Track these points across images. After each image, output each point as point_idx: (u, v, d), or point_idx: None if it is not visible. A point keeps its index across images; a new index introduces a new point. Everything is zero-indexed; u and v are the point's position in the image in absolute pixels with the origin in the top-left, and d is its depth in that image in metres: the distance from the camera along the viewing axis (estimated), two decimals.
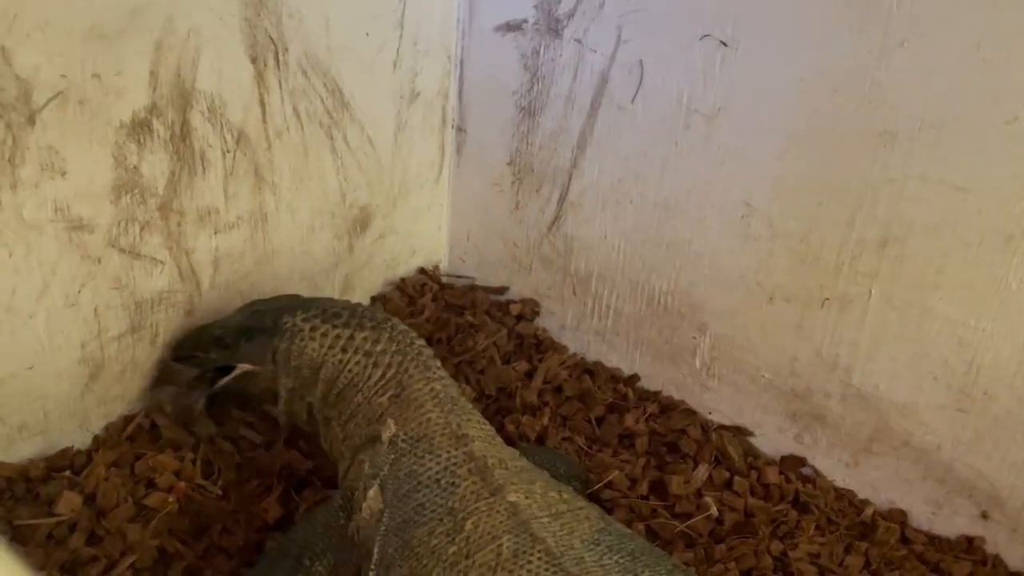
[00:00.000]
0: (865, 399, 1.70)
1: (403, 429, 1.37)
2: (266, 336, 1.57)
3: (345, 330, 1.52)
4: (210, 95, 1.63)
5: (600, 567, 1.15)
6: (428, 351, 1.53)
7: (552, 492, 1.28)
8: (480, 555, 1.15)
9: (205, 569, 1.47)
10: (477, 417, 1.43)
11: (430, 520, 1.21)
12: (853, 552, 1.62)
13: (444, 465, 1.29)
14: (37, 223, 1.48)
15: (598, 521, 1.26)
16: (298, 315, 1.55)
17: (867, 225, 1.59)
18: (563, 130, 1.97)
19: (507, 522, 1.19)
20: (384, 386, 1.45)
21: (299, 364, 1.53)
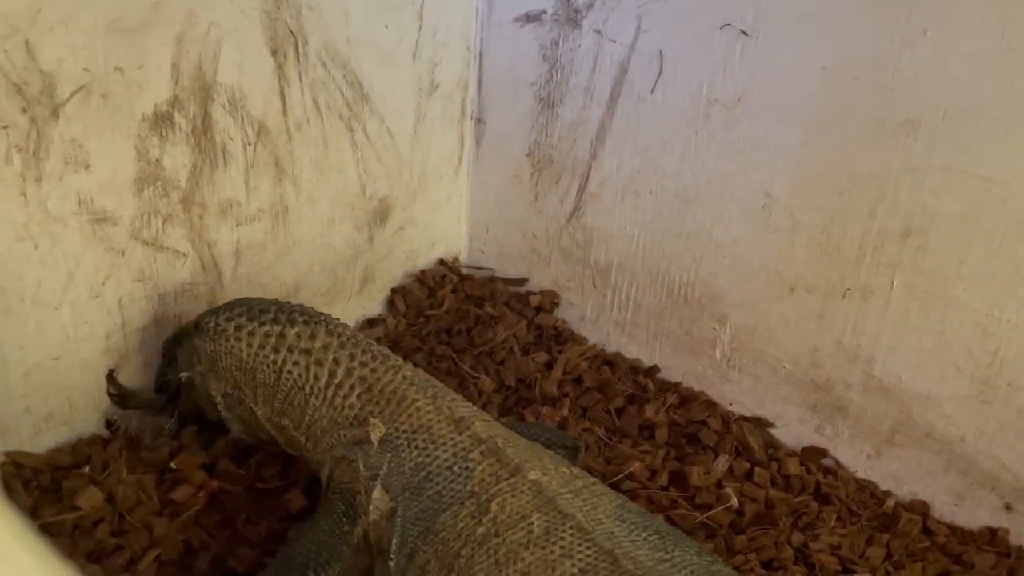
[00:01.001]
0: (887, 390, 1.69)
1: (394, 425, 1.32)
2: (190, 339, 1.51)
3: (274, 327, 1.44)
4: (231, 88, 1.64)
5: (631, 542, 1.14)
6: (371, 340, 1.47)
7: (563, 468, 1.28)
8: (510, 533, 1.14)
9: (228, 559, 1.48)
10: (458, 396, 1.40)
11: (452, 504, 1.21)
12: (875, 543, 1.61)
13: (452, 452, 1.26)
14: (61, 216, 1.49)
15: (616, 497, 1.25)
16: (220, 313, 1.48)
17: (889, 215, 1.57)
18: (582, 121, 1.97)
19: (534, 500, 1.18)
20: (342, 385, 1.38)
21: (228, 366, 1.46)
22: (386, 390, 1.36)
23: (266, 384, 1.44)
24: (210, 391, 1.51)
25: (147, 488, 1.56)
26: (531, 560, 1.11)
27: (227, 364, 1.46)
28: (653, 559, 1.12)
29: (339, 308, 2.06)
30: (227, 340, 1.46)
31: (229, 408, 1.51)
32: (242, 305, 1.49)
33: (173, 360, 1.57)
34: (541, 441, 1.47)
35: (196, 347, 1.50)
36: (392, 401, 1.35)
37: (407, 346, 2.03)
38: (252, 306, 1.48)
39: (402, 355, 1.97)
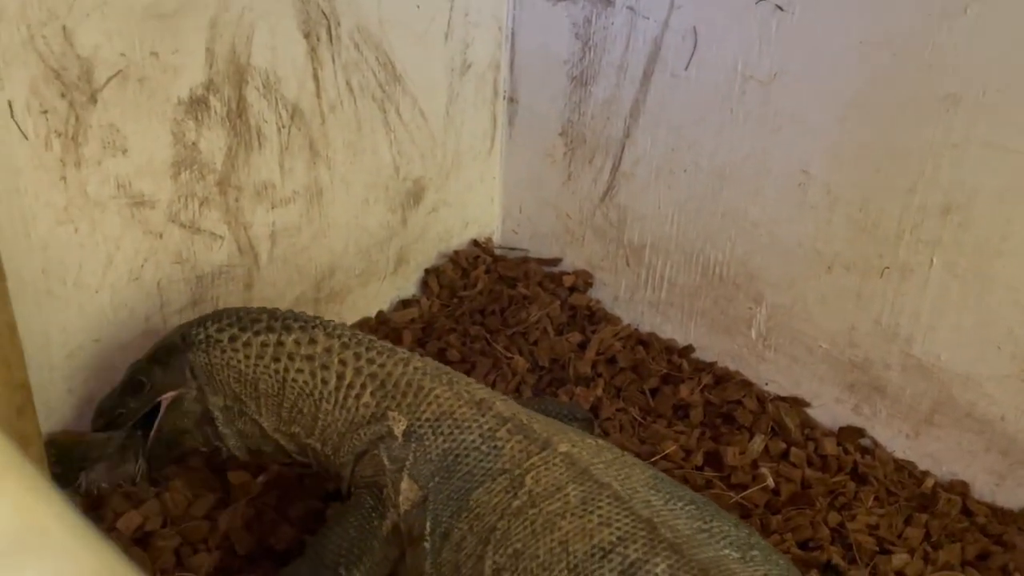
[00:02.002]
0: (926, 369, 1.67)
1: (415, 416, 1.31)
2: (178, 354, 1.44)
3: (270, 335, 1.40)
4: (265, 71, 1.65)
5: (669, 511, 1.14)
6: (372, 336, 1.44)
7: (589, 439, 1.28)
8: (546, 504, 1.15)
9: (270, 538, 1.51)
10: (472, 380, 1.40)
11: (484, 481, 1.21)
12: (913, 524, 1.60)
13: (479, 433, 1.26)
14: (100, 200, 1.51)
15: (647, 467, 1.25)
16: (210, 325, 1.43)
17: (928, 192, 1.55)
18: (615, 99, 1.96)
19: (568, 472, 1.18)
20: (353, 385, 1.36)
21: (225, 378, 1.43)
22: (400, 383, 1.35)
23: (270, 394, 1.40)
24: (208, 406, 1.46)
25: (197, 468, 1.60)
26: (568, 529, 1.11)
27: (225, 376, 1.42)
28: (691, 528, 1.12)
29: (373, 289, 2.08)
30: (223, 352, 1.41)
31: (228, 423, 1.46)
32: (230, 316, 1.45)
33: (142, 385, 1.46)
34: (555, 415, 1.47)
35: (189, 361, 1.43)
36: (408, 393, 1.34)
37: (441, 327, 2.04)
38: (241, 316, 1.44)
39: (436, 336, 2.00)
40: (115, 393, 1.51)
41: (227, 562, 1.47)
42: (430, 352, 1.96)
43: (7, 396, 1.28)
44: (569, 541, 1.10)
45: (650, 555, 1.06)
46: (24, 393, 1.31)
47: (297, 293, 1.90)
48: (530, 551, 1.12)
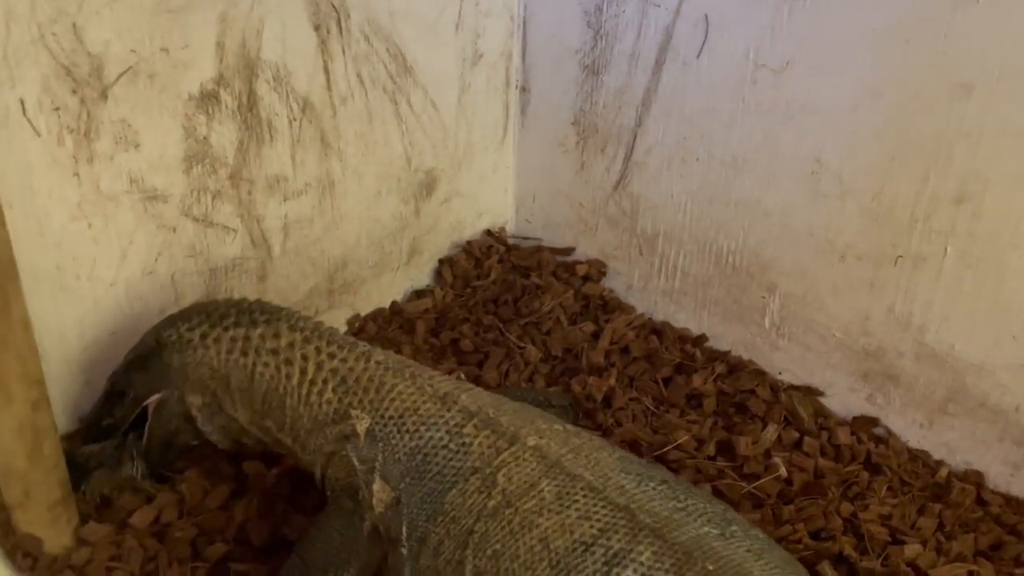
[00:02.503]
0: (940, 359, 1.66)
1: (377, 414, 1.30)
2: (154, 358, 1.45)
3: (238, 330, 1.41)
4: (275, 64, 1.65)
5: (643, 494, 1.14)
6: (335, 328, 1.44)
7: (557, 426, 1.27)
8: (522, 502, 1.15)
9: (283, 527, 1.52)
10: (436, 372, 1.38)
11: (456, 482, 1.20)
12: (926, 514, 1.59)
13: (445, 430, 1.25)
14: (114, 195, 1.53)
15: (613, 449, 1.25)
16: (180, 325, 1.45)
17: (942, 180, 1.53)
18: (627, 88, 1.95)
19: (539, 466, 1.18)
20: (315, 381, 1.36)
21: (200, 376, 1.43)
22: (362, 379, 1.34)
23: (241, 389, 1.41)
24: (187, 406, 1.47)
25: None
26: (547, 526, 1.12)
27: (200, 374, 1.43)
28: (668, 509, 1.12)
29: (387, 280, 2.09)
30: (195, 350, 1.42)
31: (208, 420, 1.47)
32: (200, 313, 1.46)
33: (124, 393, 1.49)
34: (529, 401, 1.46)
35: (165, 363, 1.44)
36: (370, 389, 1.33)
37: (454, 317, 2.05)
38: (210, 312, 1.45)
39: (449, 326, 2.01)
40: (98, 405, 1.53)
41: (242, 552, 1.49)
42: (443, 342, 1.97)
43: (22, 391, 1.30)
44: (549, 538, 1.11)
45: (633, 543, 1.07)
46: (39, 388, 1.32)
47: (311, 285, 1.91)
48: (510, 552, 1.12)
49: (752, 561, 1.07)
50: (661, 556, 1.05)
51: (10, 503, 1.39)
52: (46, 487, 1.38)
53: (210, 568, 1.45)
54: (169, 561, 1.44)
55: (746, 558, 1.07)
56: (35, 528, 1.40)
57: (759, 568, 1.06)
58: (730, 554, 1.06)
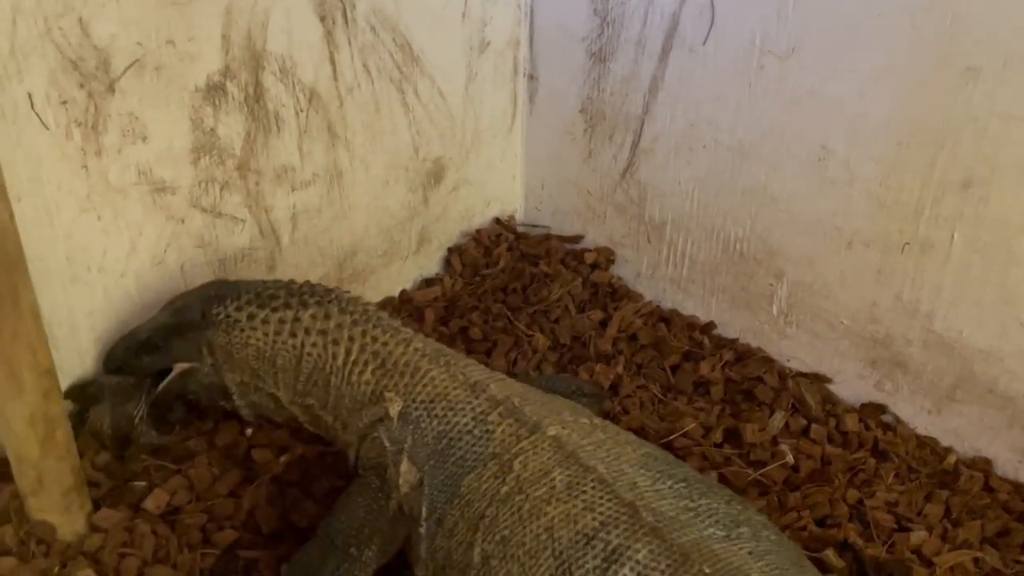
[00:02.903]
0: (948, 345, 1.65)
1: (410, 398, 1.34)
2: (197, 331, 1.47)
3: (287, 312, 1.43)
4: (281, 56, 1.66)
5: (654, 491, 1.15)
6: (383, 312, 1.47)
7: (583, 419, 1.29)
8: (533, 490, 1.16)
9: (292, 514, 1.54)
10: (471, 360, 1.41)
11: (475, 467, 1.23)
12: (933, 500, 1.59)
13: (471, 416, 1.28)
14: (122, 187, 1.54)
15: (640, 446, 1.26)
16: (229, 304, 1.46)
17: (949, 166, 1.53)
18: (634, 75, 1.94)
19: (555, 456, 1.19)
20: (357, 362, 1.39)
21: (244, 356, 1.46)
22: (399, 363, 1.37)
23: (287, 369, 1.44)
24: (224, 382, 1.50)
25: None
26: (554, 515, 1.13)
27: (244, 355, 1.46)
28: (676, 508, 1.12)
29: (396, 269, 2.10)
30: (241, 331, 1.45)
31: (243, 396, 1.51)
32: (248, 292, 1.47)
33: (157, 348, 1.50)
34: (561, 391, 1.47)
35: (208, 340, 1.47)
36: (406, 374, 1.36)
37: (463, 305, 2.05)
38: (259, 292, 1.47)
39: (458, 314, 2.02)
40: (130, 345, 1.53)
41: (251, 539, 1.51)
42: (452, 330, 1.98)
43: (34, 381, 1.32)
44: (554, 527, 1.12)
45: (631, 540, 1.07)
46: (50, 378, 1.35)
47: (320, 274, 1.92)
48: (517, 538, 1.14)
49: (752, 563, 1.07)
50: (657, 556, 1.06)
51: (24, 491, 1.41)
52: (59, 474, 1.41)
53: (220, 554, 1.47)
54: (180, 547, 1.46)
55: (746, 560, 1.07)
56: (48, 515, 1.42)
57: (758, 570, 1.06)
58: (730, 557, 1.07)
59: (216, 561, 1.46)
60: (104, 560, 1.42)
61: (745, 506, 1.19)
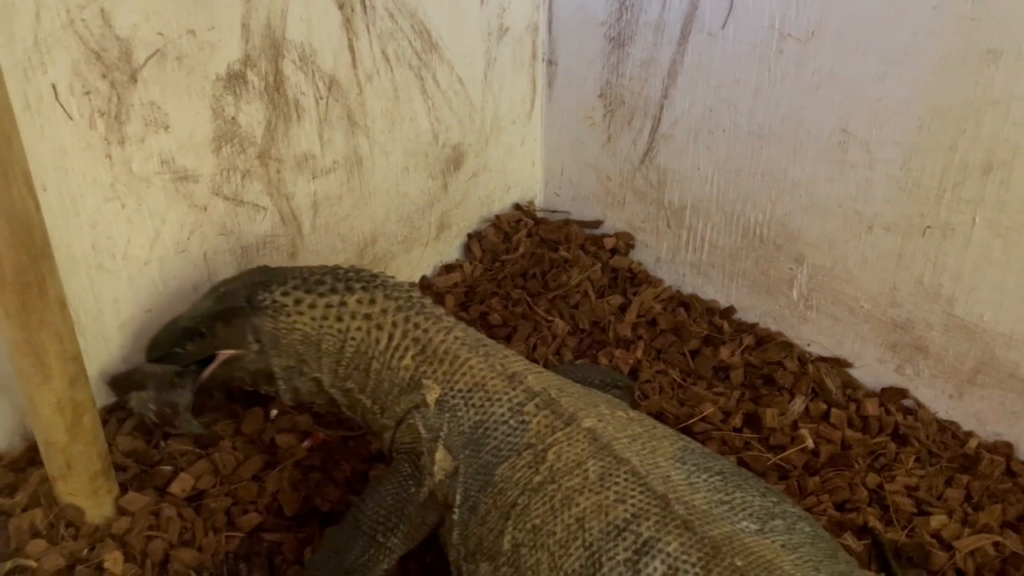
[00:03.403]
0: (969, 329, 1.64)
1: (448, 386, 1.35)
2: (243, 317, 1.48)
3: (334, 296, 1.44)
4: (300, 44, 1.67)
5: (688, 485, 1.15)
6: (427, 299, 1.48)
7: (619, 412, 1.29)
8: (565, 480, 1.17)
9: (315, 498, 1.56)
10: (509, 351, 1.42)
11: (509, 456, 1.24)
12: (954, 485, 1.59)
13: (508, 407, 1.29)
14: (145, 176, 1.56)
15: (677, 439, 1.26)
16: (275, 289, 1.47)
17: (970, 149, 1.51)
18: (653, 60, 1.94)
19: (589, 448, 1.19)
20: (399, 347, 1.41)
21: (291, 341, 1.47)
22: (439, 351, 1.38)
23: (331, 353, 1.45)
24: (270, 367, 1.51)
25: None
26: (586, 505, 1.13)
27: (291, 339, 1.47)
28: (710, 502, 1.12)
29: (416, 255, 2.11)
30: (288, 316, 1.46)
31: (287, 380, 1.52)
32: (295, 277, 1.48)
33: (202, 335, 1.52)
34: (595, 383, 1.48)
35: (254, 325, 1.48)
36: (445, 361, 1.37)
37: (483, 291, 2.06)
38: (306, 278, 1.48)
39: (478, 300, 2.03)
40: (174, 333, 1.55)
41: (275, 522, 1.53)
42: (472, 316, 1.99)
43: (60, 367, 1.34)
44: (586, 518, 1.12)
45: (662, 533, 1.08)
46: (76, 364, 1.37)
47: (341, 261, 1.94)
48: (548, 527, 1.14)
49: (785, 555, 1.07)
50: (688, 548, 1.06)
51: (52, 475, 1.44)
52: (86, 459, 1.43)
53: (244, 537, 1.49)
54: (205, 530, 1.49)
55: (778, 553, 1.07)
56: (77, 499, 1.45)
57: (791, 563, 1.06)
58: (762, 550, 1.06)
59: (240, 544, 1.49)
60: (131, 543, 1.45)
61: (781, 498, 1.19)
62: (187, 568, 1.43)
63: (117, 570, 1.40)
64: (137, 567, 1.42)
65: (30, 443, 1.54)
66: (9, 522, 1.43)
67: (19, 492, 1.49)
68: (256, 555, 1.48)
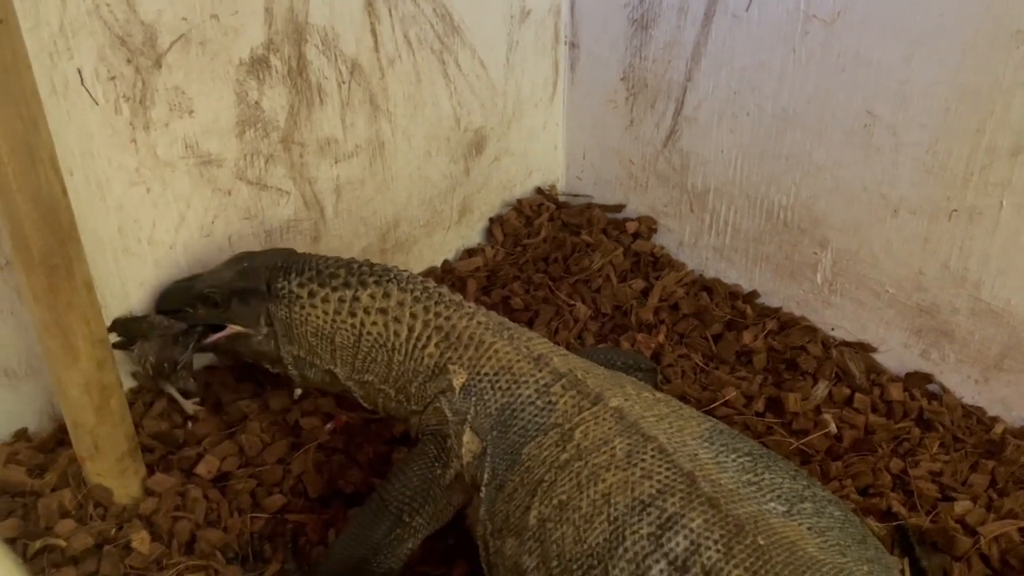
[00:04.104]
0: (996, 314, 1.63)
1: (475, 370, 1.35)
2: (260, 299, 1.50)
3: (347, 291, 1.45)
4: (323, 28, 1.68)
5: (716, 464, 1.15)
6: (444, 288, 1.48)
7: (646, 393, 1.30)
8: (592, 457, 1.17)
9: (339, 480, 1.58)
10: (533, 333, 1.42)
11: (536, 436, 1.24)
12: (979, 470, 1.58)
13: (534, 388, 1.29)
14: (170, 160, 1.57)
15: (704, 420, 1.26)
16: (292, 279, 1.48)
17: (998, 132, 1.50)
18: (676, 42, 1.92)
19: (616, 426, 1.20)
20: (420, 337, 1.41)
21: (303, 332, 1.49)
22: (463, 336, 1.39)
23: (346, 347, 1.46)
24: (279, 351, 1.53)
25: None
26: (612, 481, 1.14)
27: (303, 331, 1.48)
28: (737, 481, 1.12)
29: (438, 239, 2.11)
30: (302, 307, 1.47)
31: (297, 368, 1.54)
32: (310, 268, 1.50)
33: (216, 305, 1.52)
34: (618, 365, 1.48)
35: (268, 311, 1.51)
36: (470, 347, 1.38)
37: (505, 275, 2.07)
38: (320, 270, 1.49)
39: (500, 284, 2.03)
40: (189, 295, 1.55)
41: (299, 503, 1.55)
42: (494, 300, 2.00)
43: (88, 350, 1.36)
44: (612, 493, 1.13)
45: (686, 509, 1.08)
46: (103, 347, 1.39)
47: (363, 245, 1.95)
48: (574, 502, 1.15)
49: (810, 538, 1.06)
50: (712, 525, 1.06)
51: (81, 456, 1.46)
52: (114, 440, 1.45)
53: (268, 518, 1.51)
54: (230, 511, 1.51)
55: (804, 535, 1.07)
56: (104, 479, 1.47)
57: (815, 546, 1.05)
58: (786, 531, 1.06)
59: (265, 525, 1.51)
60: (158, 523, 1.47)
61: (811, 482, 1.19)
62: (212, 548, 1.45)
63: (144, 549, 1.42)
64: (164, 547, 1.44)
65: (59, 424, 1.56)
66: (38, 502, 1.46)
67: (48, 472, 1.51)
68: (280, 535, 1.50)
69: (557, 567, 1.13)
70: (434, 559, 1.47)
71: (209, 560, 1.43)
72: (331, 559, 1.37)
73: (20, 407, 1.58)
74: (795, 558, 1.03)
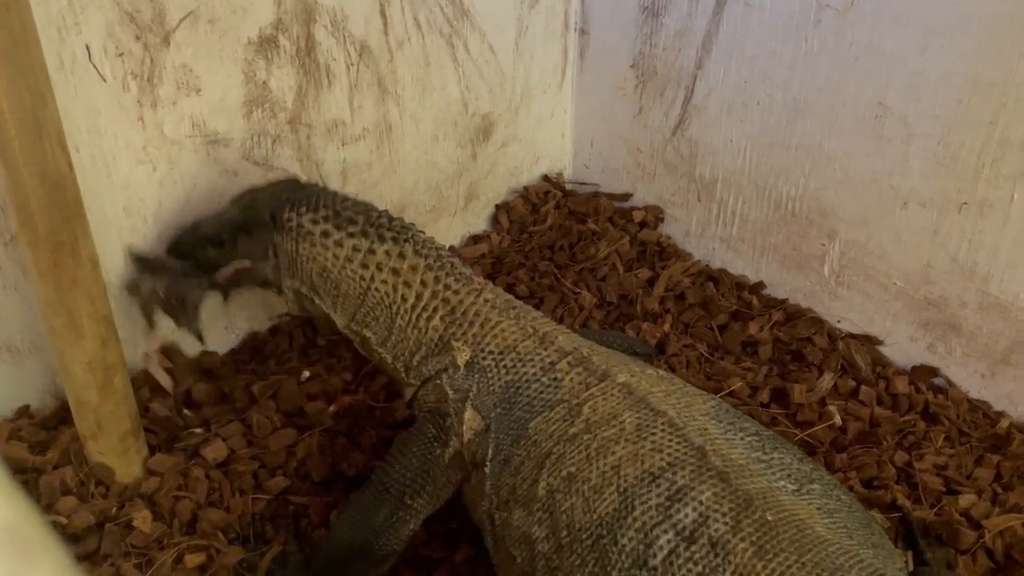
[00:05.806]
0: (1004, 308, 1.62)
1: (479, 348, 1.34)
2: (265, 231, 1.45)
3: (363, 241, 1.41)
4: (332, 9, 1.66)
5: (726, 440, 1.14)
6: (456, 259, 1.45)
7: (650, 370, 1.29)
8: (602, 430, 1.17)
9: (342, 463, 1.57)
10: (538, 313, 1.41)
11: (543, 411, 1.24)
12: (984, 464, 1.57)
13: (540, 367, 1.28)
14: (177, 139, 1.57)
15: (709, 398, 1.26)
16: (304, 213, 1.43)
17: (1011, 124, 1.48)
18: (687, 30, 1.91)
19: (625, 401, 1.20)
20: (427, 307, 1.39)
21: (308, 269, 1.44)
22: (469, 313, 1.37)
23: (350, 296, 1.43)
24: (283, 286, 1.48)
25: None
26: (622, 454, 1.13)
27: (308, 268, 1.44)
28: (747, 458, 1.12)
29: (444, 225, 2.10)
30: (312, 245, 1.42)
31: (297, 302, 1.50)
32: (327, 207, 1.43)
33: (222, 243, 1.48)
34: (617, 348, 1.47)
35: (274, 242, 1.45)
36: (475, 324, 1.36)
37: (511, 262, 2.06)
38: (338, 211, 1.43)
39: (506, 271, 2.02)
40: (197, 238, 1.51)
41: (301, 485, 1.54)
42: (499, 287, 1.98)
43: (92, 328, 1.35)
44: (621, 465, 1.12)
45: (696, 481, 1.08)
46: (108, 325, 1.38)
47: None
48: (583, 474, 1.14)
49: (819, 518, 1.06)
50: (721, 499, 1.06)
51: (83, 434, 1.46)
52: (117, 419, 1.45)
53: (270, 499, 1.51)
54: (232, 492, 1.50)
55: (812, 514, 1.06)
56: (107, 458, 1.47)
57: (823, 525, 1.05)
58: (796, 509, 1.06)
59: (267, 506, 1.50)
60: (160, 502, 1.46)
61: (817, 465, 1.18)
62: (214, 528, 1.44)
63: (145, 528, 1.41)
64: (165, 526, 1.44)
65: (61, 402, 1.55)
66: (40, 479, 1.45)
67: (50, 450, 1.50)
68: (282, 517, 1.49)
69: (567, 536, 1.13)
70: (437, 543, 1.47)
71: (210, 540, 1.42)
72: (333, 542, 1.36)
73: (23, 384, 1.58)
74: (803, 535, 1.02)
